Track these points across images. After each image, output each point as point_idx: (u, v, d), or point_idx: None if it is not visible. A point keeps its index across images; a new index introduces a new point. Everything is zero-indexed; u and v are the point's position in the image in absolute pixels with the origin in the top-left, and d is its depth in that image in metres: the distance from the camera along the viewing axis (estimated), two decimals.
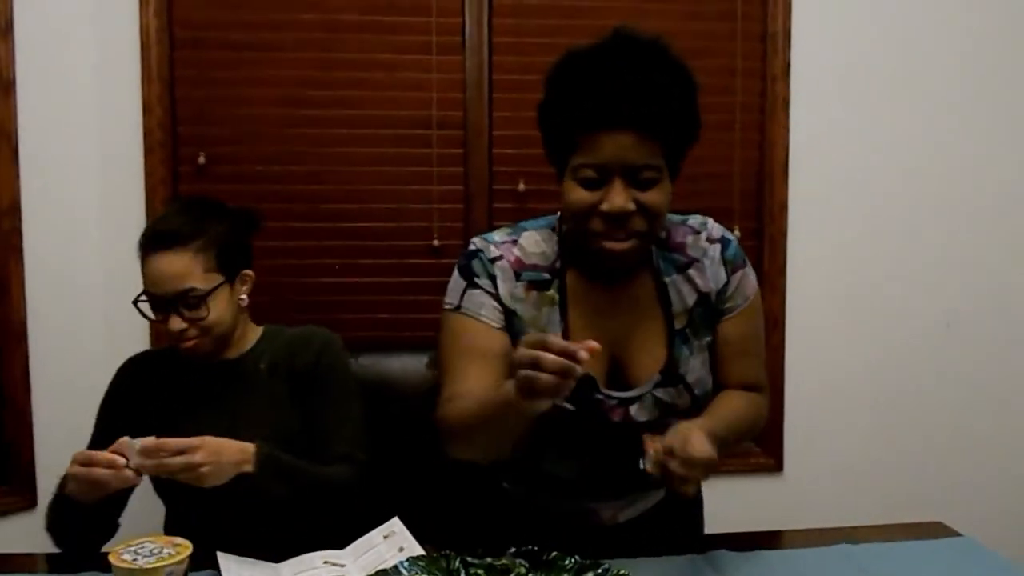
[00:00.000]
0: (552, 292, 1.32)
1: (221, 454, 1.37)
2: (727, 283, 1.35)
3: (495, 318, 1.32)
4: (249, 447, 1.41)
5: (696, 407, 1.34)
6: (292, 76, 2.23)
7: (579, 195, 1.23)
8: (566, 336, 1.30)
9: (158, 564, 1.12)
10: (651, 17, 2.28)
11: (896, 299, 2.47)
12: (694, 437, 1.12)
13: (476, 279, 1.32)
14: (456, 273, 1.35)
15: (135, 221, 2.19)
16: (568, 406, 1.29)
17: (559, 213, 1.37)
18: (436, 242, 2.26)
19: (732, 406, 1.34)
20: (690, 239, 1.36)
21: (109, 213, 2.16)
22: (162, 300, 1.47)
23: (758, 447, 2.46)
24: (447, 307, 1.35)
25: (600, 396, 1.32)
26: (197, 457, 1.32)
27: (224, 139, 2.23)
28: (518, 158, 2.27)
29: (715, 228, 1.38)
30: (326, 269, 2.28)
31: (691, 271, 1.35)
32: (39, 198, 2.10)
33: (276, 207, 2.23)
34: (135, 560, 1.13)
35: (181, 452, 1.32)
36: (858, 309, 2.46)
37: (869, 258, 2.45)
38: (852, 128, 2.41)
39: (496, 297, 1.32)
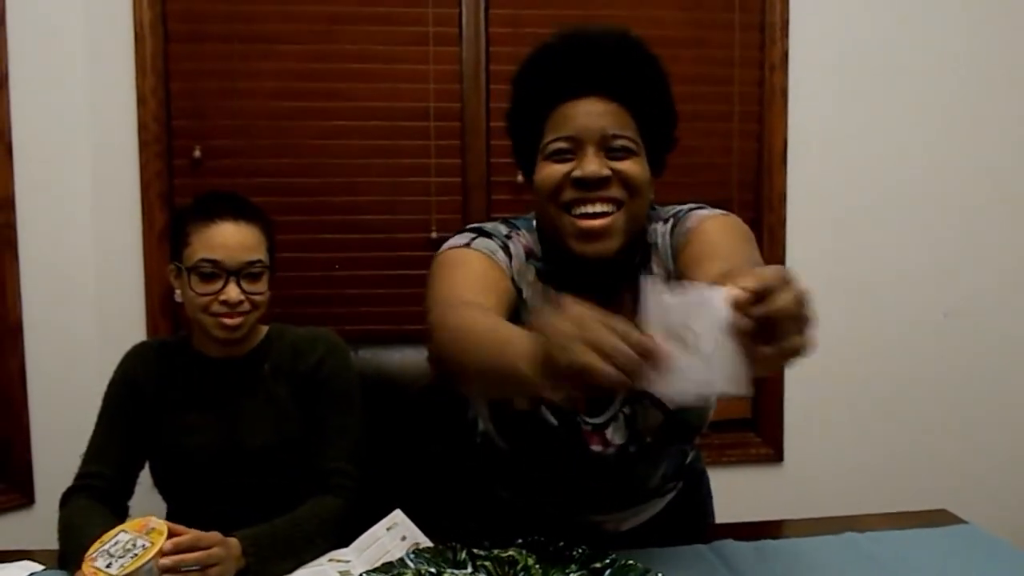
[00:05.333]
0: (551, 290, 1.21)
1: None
2: (674, 246, 1.21)
3: (506, 265, 1.17)
4: (233, 543, 1.22)
5: (672, 425, 1.22)
6: (288, 69, 2.22)
7: (550, 169, 1.13)
8: None
9: (135, 566, 1.05)
10: (649, 7, 2.28)
11: (894, 289, 2.47)
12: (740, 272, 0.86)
13: (489, 237, 1.20)
14: (459, 233, 1.23)
15: (130, 216, 2.18)
16: (552, 420, 1.21)
17: (534, 222, 1.26)
18: (434, 234, 2.24)
19: None
20: (650, 227, 1.25)
21: (104, 208, 2.15)
22: (226, 268, 1.43)
23: (758, 437, 2.46)
24: (448, 248, 1.19)
25: (579, 420, 1.22)
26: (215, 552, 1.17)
27: (220, 132, 2.21)
28: None
29: (671, 209, 1.26)
30: (323, 262, 2.26)
31: (652, 261, 1.24)
32: (33, 193, 2.08)
33: (273, 200, 2.19)
34: (109, 566, 1.06)
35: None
36: (856, 299, 2.45)
37: (867, 248, 2.45)
38: (850, 117, 2.40)
39: (510, 257, 1.19)
